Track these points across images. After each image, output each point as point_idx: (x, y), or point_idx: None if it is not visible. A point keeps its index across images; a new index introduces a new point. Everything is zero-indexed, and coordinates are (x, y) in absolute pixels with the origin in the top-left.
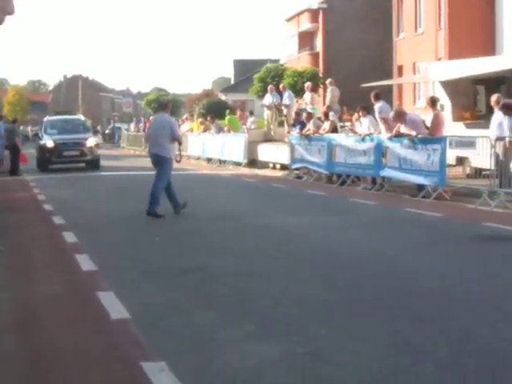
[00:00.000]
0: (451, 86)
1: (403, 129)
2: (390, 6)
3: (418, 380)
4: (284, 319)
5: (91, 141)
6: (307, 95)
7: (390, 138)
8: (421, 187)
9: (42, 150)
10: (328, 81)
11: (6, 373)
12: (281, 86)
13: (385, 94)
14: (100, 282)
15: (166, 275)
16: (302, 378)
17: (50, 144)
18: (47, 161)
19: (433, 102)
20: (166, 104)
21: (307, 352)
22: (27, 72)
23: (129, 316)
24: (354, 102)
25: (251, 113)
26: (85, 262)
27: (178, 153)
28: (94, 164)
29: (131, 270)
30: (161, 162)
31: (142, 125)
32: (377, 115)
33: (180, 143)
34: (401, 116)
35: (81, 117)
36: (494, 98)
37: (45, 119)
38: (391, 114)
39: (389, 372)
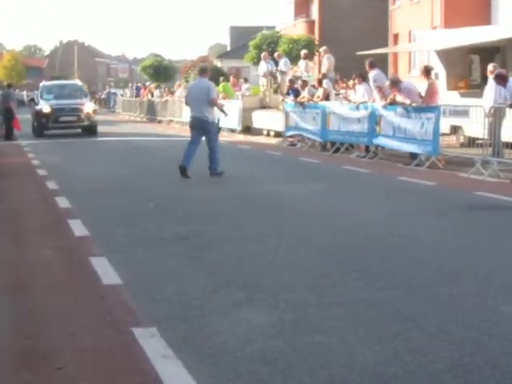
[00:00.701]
0: (446, 55)
1: (398, 97)
2: None
3: (406, 347)
4: (274, 287)
5: (88, 106)
6: (302, 63)
7: (385, 106)
8: (414, 156)
9: (38, 115)
10: (323, 48)
11: None
12: (276, 54)
13: (380, 63)
14: (92, 248)
15: (159, 242)
16: (290, 344)
17: (46, 109)
18: (43, 126)
19: (427, 70)
20: (205, 69)
21: (296, 319)
22: (23, 37)
23: (121, 282)
24: (349, 70)
25: (245, 80)
26: (77, 228)
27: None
28: (91, 130)
29: (125, 236)
30: (205, 126)
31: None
32: (371, 83)
33: (217, 106)
34: (396, 84)
35: (78, 82)
36: (490, 67)
37: (41, 84)
38: (386, 82)
39: (376, 340)
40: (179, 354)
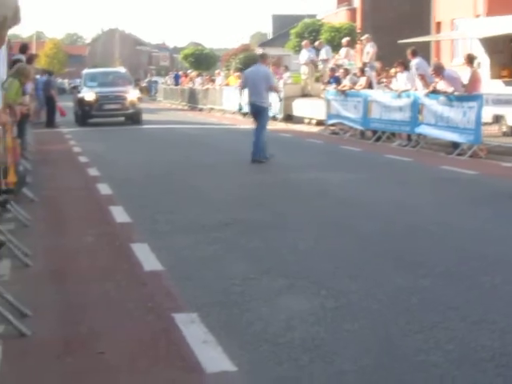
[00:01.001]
0: (489, 44)
1: (441, 84)
2: None
3: (447, 336)
4: (315, 274)
5: (133, 94)
6: (343, 50)
7: (427, 95)
8: (456, 145)
9: (82, 103)
10: (365, 37)
11: (39, 321)
12: (317, 43)
13: (422, 51)
14: (134, 234)
15: (200, 228)
16: (331, 332)
17: (89, 97)
18: (87, 114)
19: (470, 59)
20: (263, 56)
21: (337, 306)
22: (64, 25)
23: (162, 268)
24: (391, 58)
25: (286, 68)
26: (119, 214)
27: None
28: (135, 118)
29: (166, 223)
30: (260, 111)
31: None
32: (414, 71)
33: (277, 91)
34: (440, 70)
35: (122, 69)
36: None
37: (84, 71)
38: (429, 70)
39: (417, 328)
40: (220, 340)
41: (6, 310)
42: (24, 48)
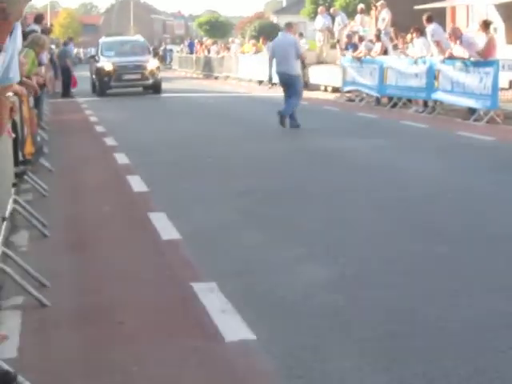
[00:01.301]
0: (505, 9)
1: (457, 48)
2: None
3: (466, 302)
4: (333, 242)
5: (152, 63)
6: (358, 17)
7: (443, 61)
8: (473, 110)
9: (100, 73)
10: (380, 3)
11: (58, 292)
12: (332, 10)
13: (438, 17)
14: (151, 203)
15: (218, 197)
16: (350, 299)
17: (108, 67)
18: (105, 85)
19: (485, 25)
20: (290, 24)
21: (356, 274)
22: None
23: (180, 237)
24: (407, 24)
25: (301, 35)
26: (136, 183)
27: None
28: (155, 88)
29: (183, 191)
30: (291, 79)
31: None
32: (429, 38)
33: (303, 61)
34: (457, 34)
35: (140, 38)
36: None
37: (100, 40)
38: (445, 36)
39: (437, 295)
40: (238, 309)
41: (25, 280)
42: (39, 18)
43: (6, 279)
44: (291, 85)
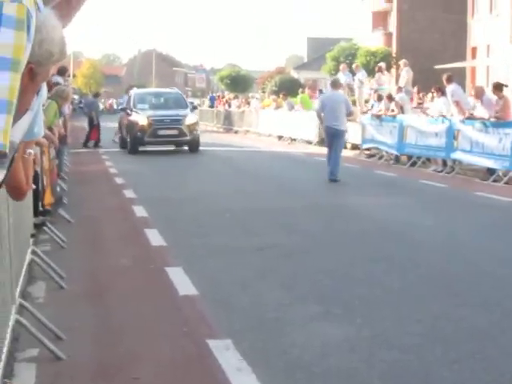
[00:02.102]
0: None
1: (479, 108)
2: None
3: (483, 366)
4: (350, 301)
5: (191, 118)
6: (377, 75)
7: (463, 121)
8: (492, 171)
9: (132, 127)
10: (402, 61)
11: (74, 345)
12: (354, 66)
13: (458, 76)
14: (169, 258)
15: (235, 252)
16: (366, 360)
17: (142, 121)
18: (138, 141)
19: (498, 87)
20: (336, 82)
21: (372, 335)
22: (102, 46)
23: (197, 292)
24: (427, 82)
25: (321, 91)
26: (154, 237)
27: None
28: (193, 145)
29: (201, 246)
30: (339, 134)
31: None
32: (449, 98)
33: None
34: (480, 93)
35: (176, 90)
36: None
37: (133, 92)
38: (471, 92)
39: (454, 358)
40: (254, 367)
41: (40, 332)
42: (62, 71)
43: (22, 331)
44: (338, 139)
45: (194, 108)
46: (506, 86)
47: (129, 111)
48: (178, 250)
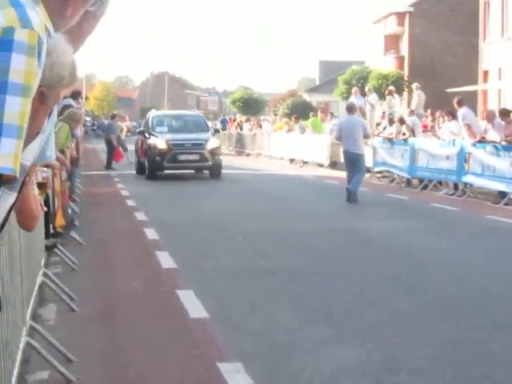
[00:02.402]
0: None
1: (490, 131)
2: (476, 10)
3: None
4: (361, 324)
5: (213, 142)
6: (388, 99)
7: (474, 144)
8: (503, 194)
9: (151, 152)
10: (415, 85)
11: (84, 367)
12: (367, 89)
13: (469, 100)
14: (179, 280)
15: (246, 275)
16: None
17: (161, 145)
18: (157, 166)
19: (504, 113)
20: (352, 107)
21: (383, 359)
22: (115, 68)
23: (207, 315)
24: (439, 106)
25: (332, 114)
26: (165, 260)
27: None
28: (214, 171)
29: (212, 269)
30: (358, 158)
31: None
32: (460, 121)
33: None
34: (491, 116)
35: (196, 112)
36: None
37: (151, 114)
38: (482, 115)
39: (464, 382)
40: None
41: (51, 355)
42: (76, 94)
43: (33, 353)
44: (358, 162)
45: (216, 131)
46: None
47: (146, 134)
48: (188, 273)
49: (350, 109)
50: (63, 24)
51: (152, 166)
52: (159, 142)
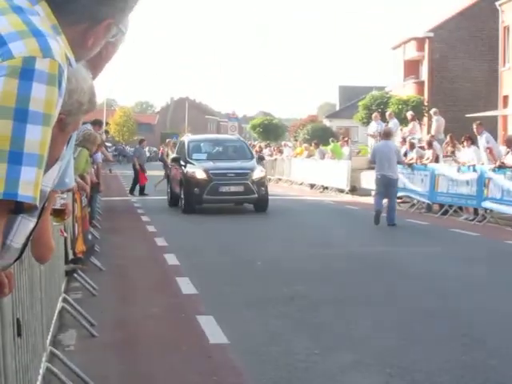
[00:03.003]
0: None
1: (510, 156)
2: (496, 36)
3: None
4: (381, 350)
5: (258, 171)
6: (410, 124)
7: (494, 169)
8: None
9: (188, 182)
10: (433, 110)
11: None
12: (387, 114)
13: (490, 125)
14: (200, 306)
15: (266, 302)
16: None
17: (200, 174)
18: (196, 198)
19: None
20: (388, 133)
21: None
22: (135, 94)
23: (227, 341)
24: (459, 131)
25: (348, 140)
26: (185, 285)
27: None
28: (261, 204)
29: (232, 295)
30: (393, 183)
31: None
32: (481, 145)
33: (404, 164)
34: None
35: (238, 136)
36: None
37: (186, 138)
38: (502, 140)
39: None
40: None
41: (71, 380)
42: (96, 123)
43: (53, 378)
44: (392, 187)
45: (261, 159)
46: None
47: (182, 162)
48: (209, 299)
49: (387, 134)
50: (84, 54)
51: (190, 199)
52: (198, 171)
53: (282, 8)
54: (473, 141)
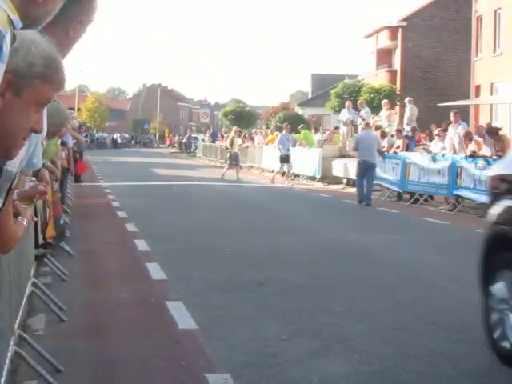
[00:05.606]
0: None
1: (483, 146)
2: (469, 26)
3: None
4: (349, 337)
5: None
6: (384, 113)
7: (465, 158)
8: None
9: None
10: (407, 99)
11: (72, 377)
12: (359, 102)
13: (462, 114)
14: (169, 292)
15: (235, 287)
16: None
17: None
18: None
19: (492, 131)
20: (368, 124)
21: (371, 371)
22: (107, 80)
23: (196, 327)
24: (430, 120)
25: (316, 129)
26: (155, 271)
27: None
28: None
29: (202, 281)
30: (371, 167)
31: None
32: (457, 134)
33: (381, 151)
34: (482, 131)
35: None
36: None
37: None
38: (472, 129)
39: None
40: None
41: (39, 365)
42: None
43: (21, 362)
44: (371, 170)
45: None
46: (500, 129)
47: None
48: (178, 285)
49: (368, 124)
50: (39, 10)
51: None
52: None
53: None
54: (445, 130)
